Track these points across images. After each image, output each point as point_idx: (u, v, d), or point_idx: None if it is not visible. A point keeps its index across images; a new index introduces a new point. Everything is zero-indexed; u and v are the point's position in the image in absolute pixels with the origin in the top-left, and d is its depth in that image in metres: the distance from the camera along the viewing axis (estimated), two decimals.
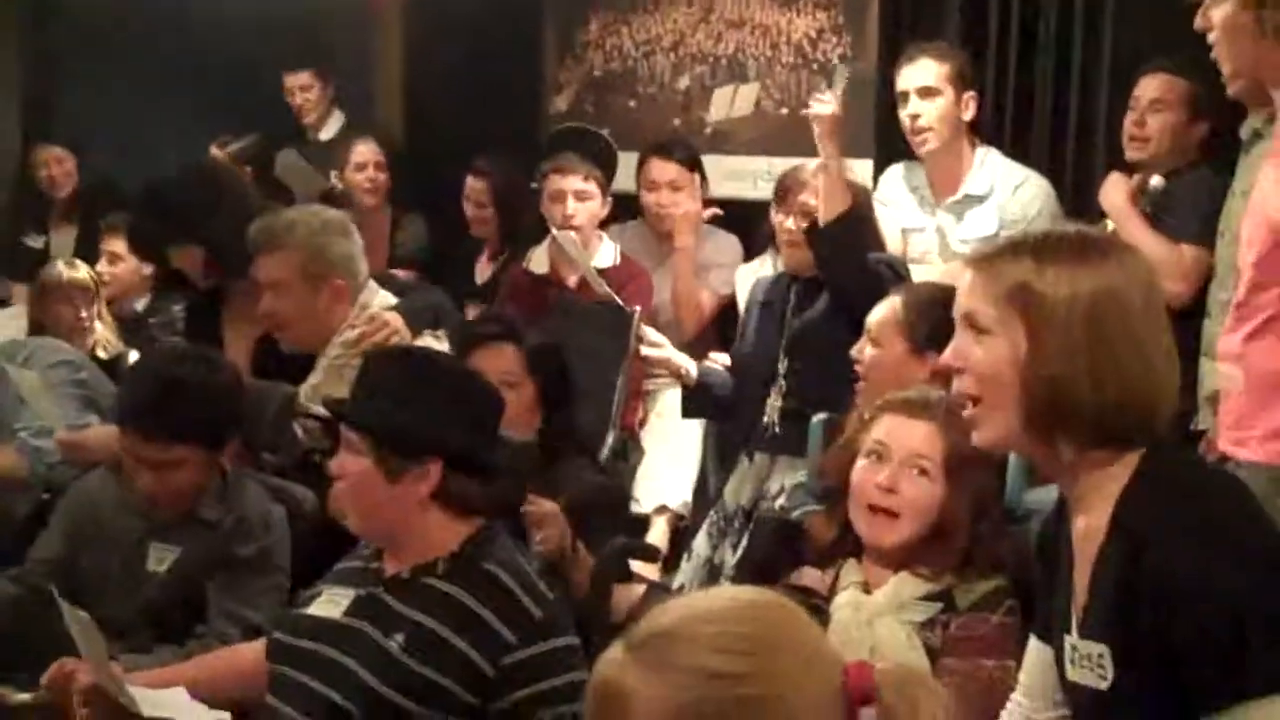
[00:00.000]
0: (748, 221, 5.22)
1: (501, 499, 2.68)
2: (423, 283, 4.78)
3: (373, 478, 2.56)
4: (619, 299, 4.55)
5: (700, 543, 4.09)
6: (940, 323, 2.44)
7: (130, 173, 5.34)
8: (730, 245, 5.29)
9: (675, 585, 3.96)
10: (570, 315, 4.48)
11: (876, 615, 2.62)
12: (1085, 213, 4.19)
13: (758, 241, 5.13)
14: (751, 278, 4.72)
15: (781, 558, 2.86)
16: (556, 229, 4.96)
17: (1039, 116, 4.72)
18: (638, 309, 4.41)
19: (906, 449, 2.67)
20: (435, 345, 3.56)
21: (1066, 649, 2.04)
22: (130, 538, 3.20)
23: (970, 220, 4.48)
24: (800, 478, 3.58)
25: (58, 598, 2.66)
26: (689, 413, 4.44)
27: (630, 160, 5.41)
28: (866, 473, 2.69)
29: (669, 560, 4.42)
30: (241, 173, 5.09)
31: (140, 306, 5.61)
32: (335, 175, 6.01)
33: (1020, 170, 4.51)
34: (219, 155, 6.13)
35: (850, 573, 2.72)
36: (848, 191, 3.98)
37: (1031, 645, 2.22)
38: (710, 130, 5.85)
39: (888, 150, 4.88)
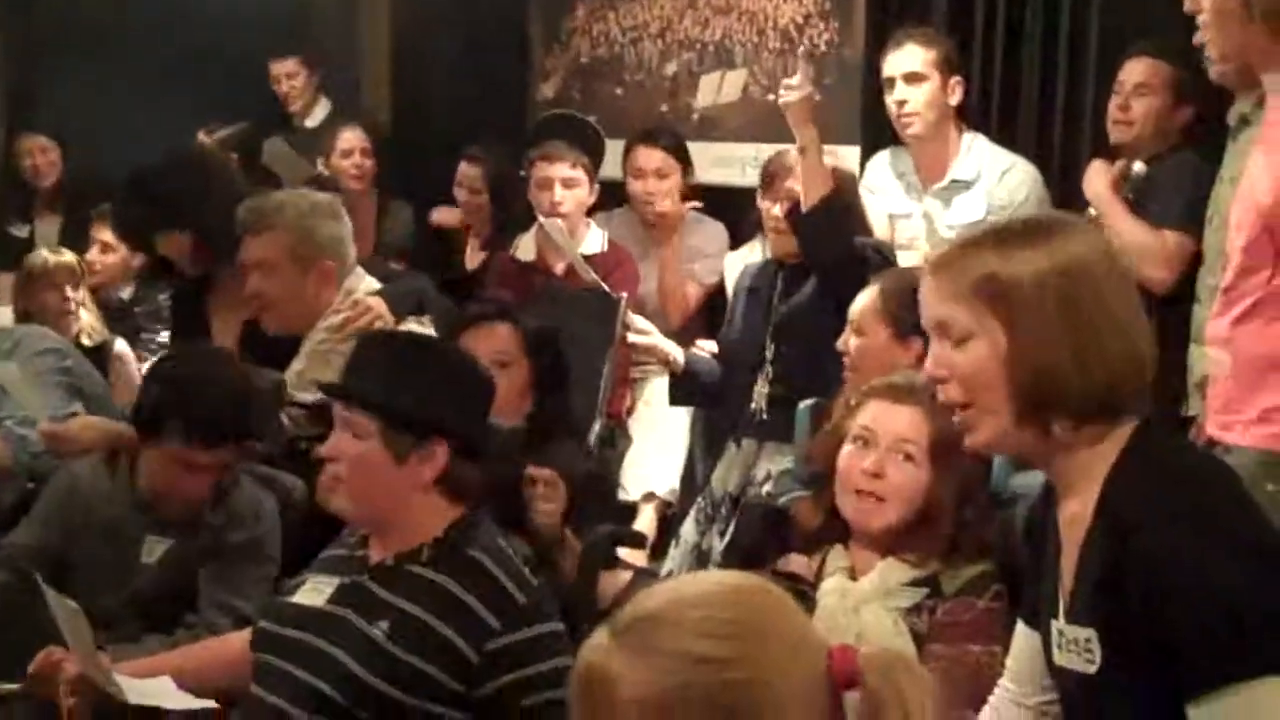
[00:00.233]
0: (735, 208, 5.21)
1: (492, 484, 2.68)
2: (408, 269, 4.77)
3: (379, 459, 2.53)
4: (606, 286, 4.54)
5: (688, 529, 4.08)
6: None
7: (115, 162, 5.32)
8: (717, 234, 5.28)
9: (663, 572, 3.95)
10: (557, 302, 4.47)
11: (863, 601, 2.62)
12: (1072, 197, 4.18)
13: (745, 228, 5.12)
14: (740, 264, 4.72)
15: (768, 544, 2.86)
16: (544, 216, 4.95)
17: (1025, 102, 4.70)
18: (624, 295, 4.40)
19: (892, 434, 2.67)
20: (420, 331, 3.55)
21: (1053, 634, 2.04)
22: (125, 530, 3.18)
23: (958, 206, 4.47)
24: (787, 464, 3.58)
25: (43, 586, 2.65)
26: (676, 400, 4.43)
27: (617, 148, 5.40)
28: (852, 458, 2.70)
29: (656, 547, 4.42)
30: (229, 160, 5.06)
31: (126, 295, 5.60)
32: (321, 162, 5.99)
33: (1007, 156, 4.50)
34: (206, 142, 6.11)
35: (837, 559, 2.73)
36: (828, 175, 3.96)
37: (1018, 630, 2.22)
38: (697, 117, 5.84)
39: (875, 137, 4.87)
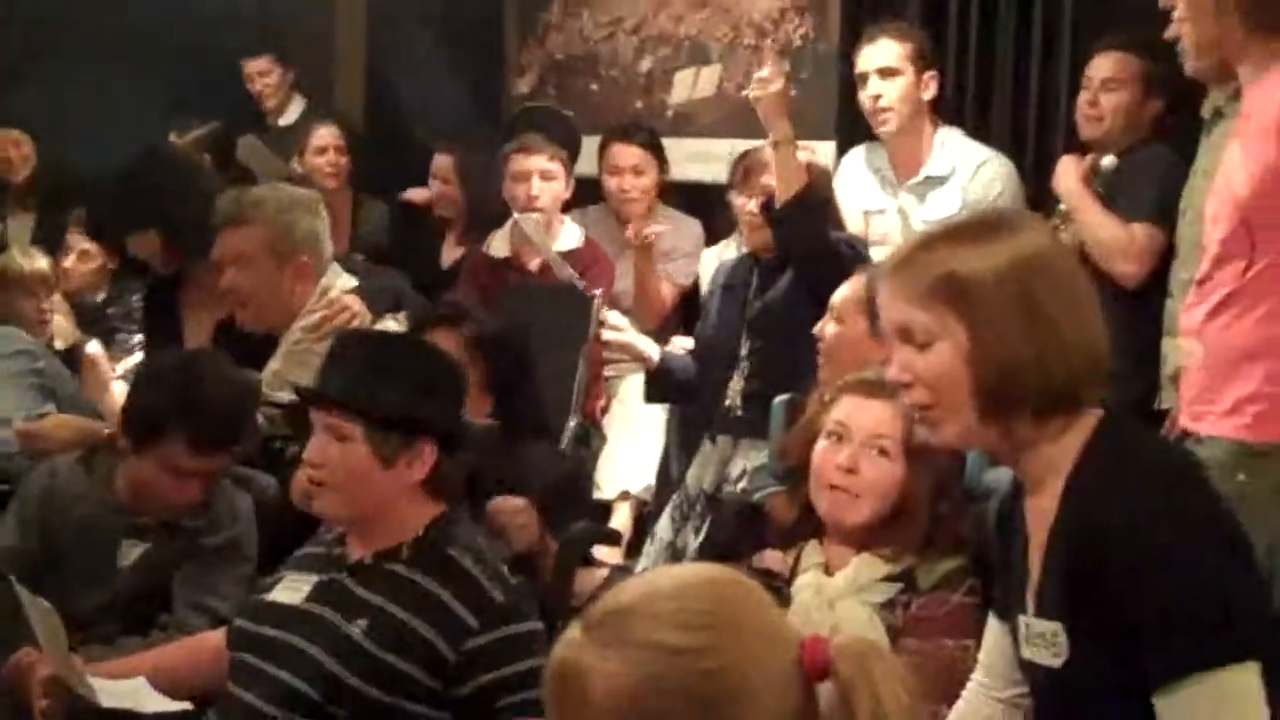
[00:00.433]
0: (710, 204, 5.21)
1: (469, 483, 2.68)
2: (384, 267, 4.75)
3: (366, 463, 2.52)
4: (581, 282, 4.53)
5: (663, 526, 4.07)
6: None
7: (88, 158, 5.30)
8: (692, 232, 5.27)
9: (638, 570, 3.93)
10: (531, 299, 4.47)
11: (838, 597, 2.62)
12: (1046, 192, 4.19)
13: (720, 224, 5.12)
14: (716, 261, 4.71)
15: (743, 540, 2.86)
16: (519, 210, 4.93)
17: (999, 97, 4.71)
18: (599, 292, 4.39)
19: (866, 430, 2.67)
20: (395, 329, 3.54)
21: (1021, 627, 2.05)
22: (102, 532, 3.15)
23: (932, 201, 4.46)
24: (763, 460, 3.58)
25: (17, 586, 2.64)
26: (651, 397, 4.42)
27: (591, 144, 5.39)
28: (827, 454, 2.70)
29: (632, 545, 4.42)
30: (200, 160, 5.04)
31: (100, 298, 5.57)
32: (296, 160, 5.96)
33: (982, 150, 4.50)
34: (178, 143, 6.08)
35: (811, 554, 2.72)
36: (802, 170, 3.96)
37: (990, 624, 2.23)
38: (672, 113, 5.84)
39: (850, 132, 4.87)
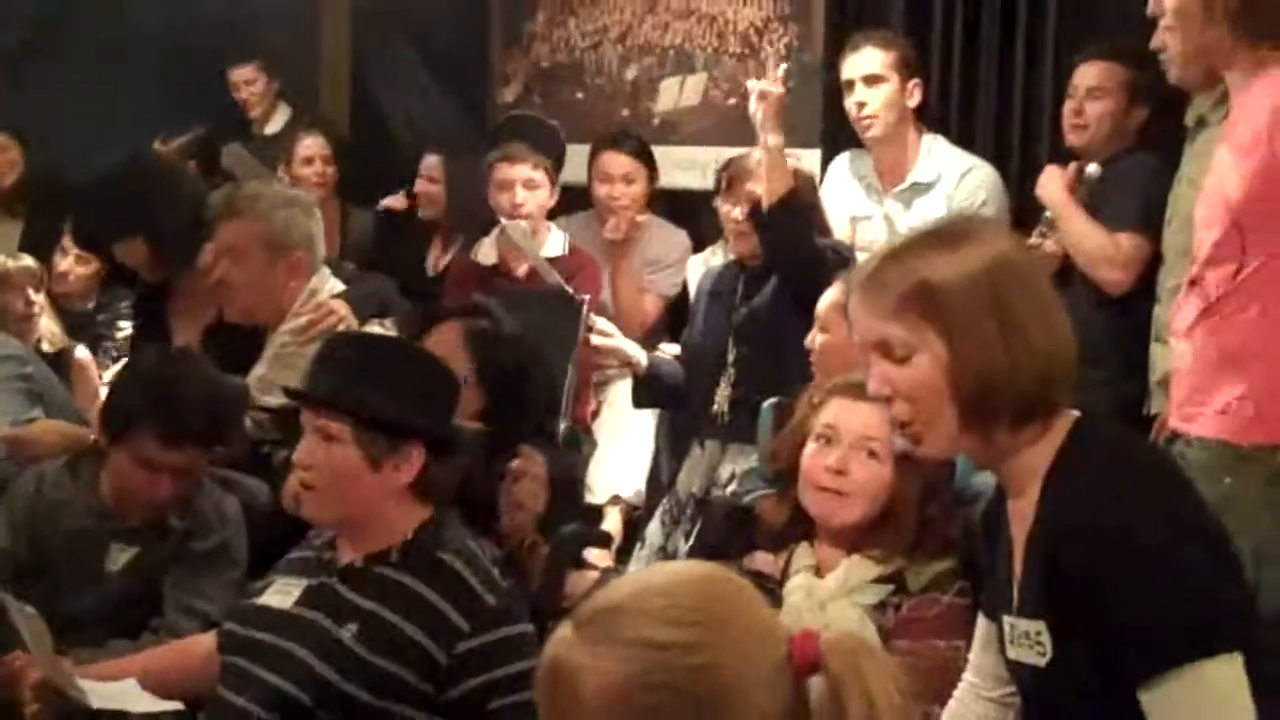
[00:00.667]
0: (697, 212, 5.21)
1: (461, 487, 2.68)
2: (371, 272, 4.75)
3: (354, 465, 2.51)
4: (569, 289, 4.54)
5: (653, 531, 4.08)
6: None
7: (75, 164, 5.30)
8: (678, 242, 5.27)
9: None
10: (519, 305, 4.45)
11: (829, 598, 2.63)
12: (1031, 199, 4.21)
13: (706, 232, 5.13)
14: (702, 268, 4.73)
15: (733, 542, 2.86)
16: (505, 218, 4.94)
17: (983, 105, 4.73)
18: (586, 298, 4.40)
19: (855, 431, 2.68)
20: (383, 334, 3.53)
21: (1006, 628, 2.06)
22: (89, 537, 3.14)
23: (918, 208, 4.48)
24: (752, 463, 3.59)
25: (1, 593, 2.63)
26: (640, 403, 4.42)
27: (579, 152, 5.40)
28: (816, 456, 2.70)
29: (622, 549, 4.42)
30: (185, 167, 5.04)
31: (90, 304, 5.56)
32: (282, 169, 5.95)
33: (967, 157, 4.53)
34: (163, 150, 6.07)
35: (802, 557, 2.73)
36: (790, 174, 3.98)
37: (980, 624, 2.24)
38: (658, 121, 5.85)
39: (835, 140, 4.89)
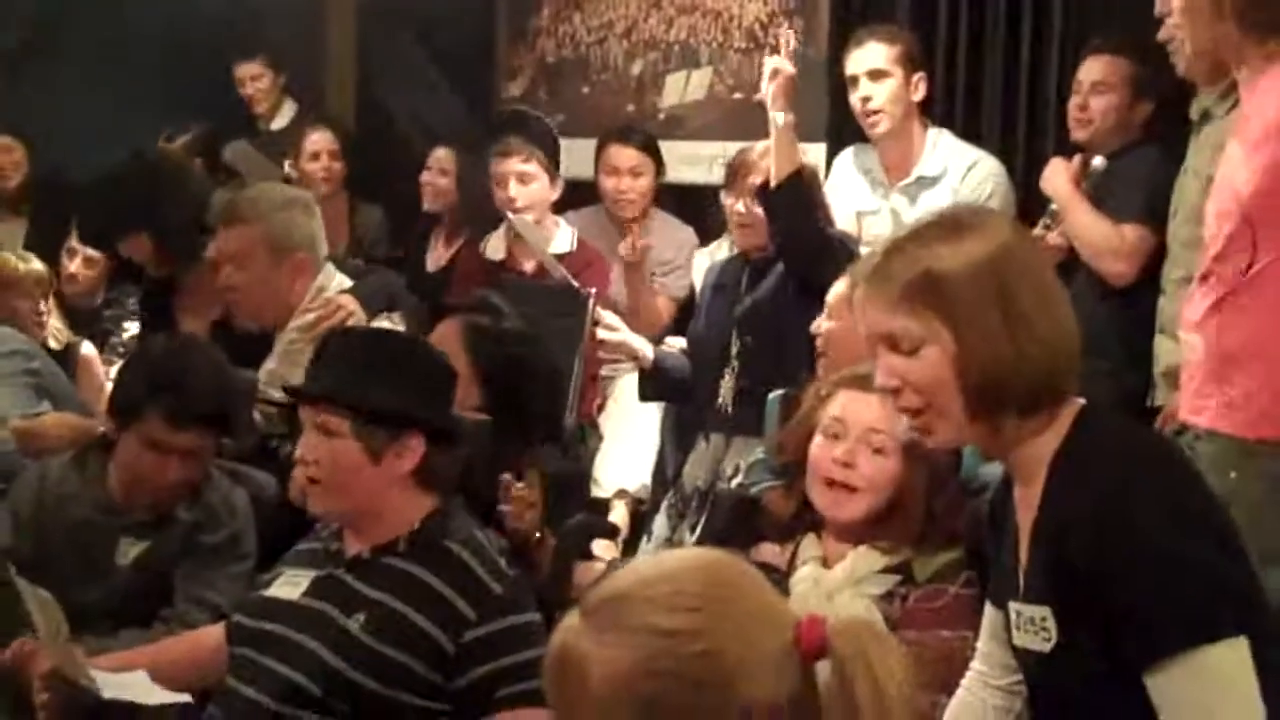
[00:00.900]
0: (702, 207, 5.22)
1: (465, 476, 2.69)
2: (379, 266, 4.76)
3: (355, 458, 2.53)
4: (576, 283, 4.55)
5: (659, 524, 4.09)
6: None
7: (79, 164, 5.31)
8: (685, 241, 5.26)
9: None
10: (526, 299, 4.46)
11: (836, 589, 2.63)
12: (1036, 192, 4.21)
13: (712, 226, 5.14)
14: (708, 260, 4.73)
15: (740, 533, 2.86)
16: (510, 214, 4.95)
17: (989, 99, 4.73)
18: (593, 291, 4.40)
19: (863, 425, 2.68)
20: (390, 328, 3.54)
21: (1012, 614, 2.06)
22: (96, 532, 3.14)
23: (924, 202, 4.46)
24: (758, 455, 3.60)
25: (16, 578, 2.64)
26: (646, 396, 4.43)
27: (585, 146, 5.40)
28: (824, 449, 2.71)
29: (628, 543, 4.42)
30: (190, 163, 5.05)
31: (98, 301, 5.57)
32: (289, 165, 5.97)
33: (972, 151, 4.52)
34: (168, 147, 6.07)
35: (809, 548, 2.73)
36: (797, 153, 3.99)
37: (987, 612, 2.24)
38: (664, 116, 5.85)
39: (840, 135, 4.89)
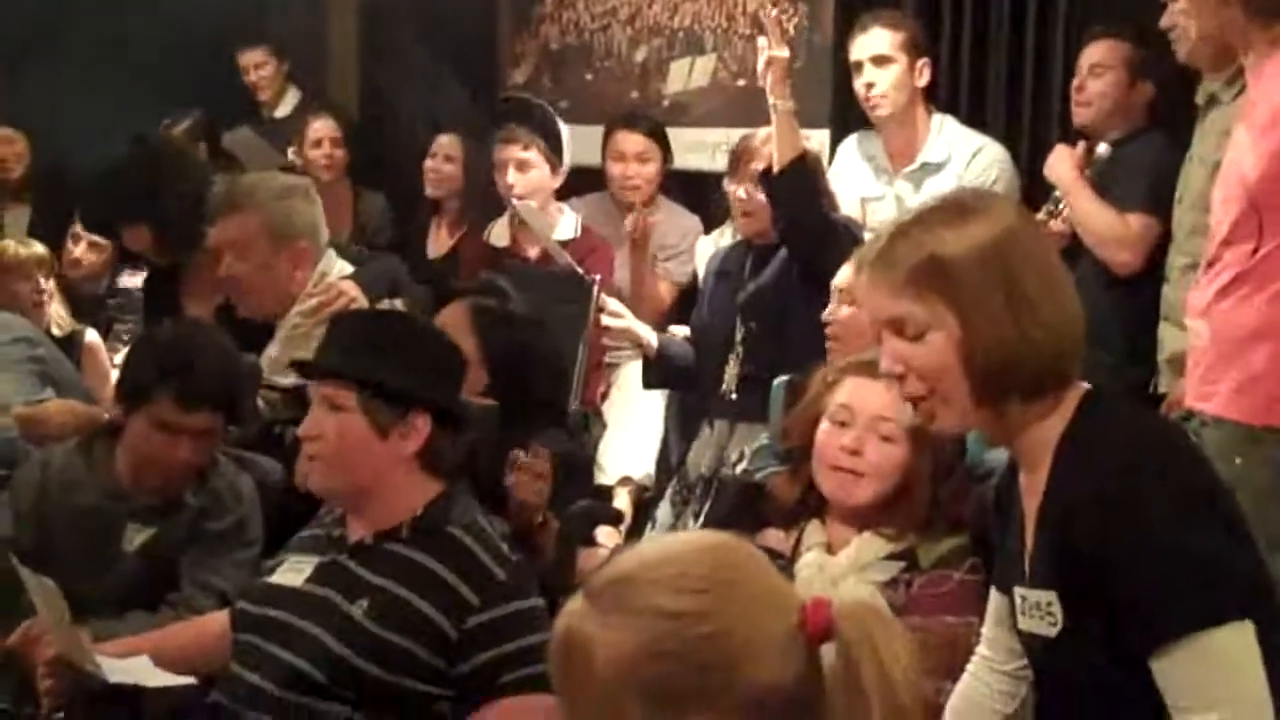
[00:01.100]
0: (706, 193, 5.21)
1: (470, 461, 2.68)
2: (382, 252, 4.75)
3: (361, 433, 2.54)
4: (580, 270, 4.54)
5: (664, 511, 4.09)
6: None
7: (82, 154, 5.30)
8: (689, 228, 5.25)
9: None
10: (530, 286, 4.45)
11: (841, 575, 2.63)
12: (1041, 179, 4.20)
13: (716, 213, 5.13)
14: (712, 247, 4.72)
15: (744, 519, 2.86)
16: (514, 200, 4.95)
17: (993, 85, 4.72)
18: (597, 278, 4.40)
19: (870, 413, 2.68)
20: None
21: (1017, 599, 2.06)
22: (103, 518, 3.13)
23: (929, 188, 4.45)
24: (762, 441, 3.60)
25: (18, 565, 2.64)
26: (650, 384, 4.43)
27: (589, 133, 5.39)
28: (830, 435, 2.70)
29: (632, 530, 4.42)
30: (191, 151, 5.04)
31: (103, 288, 5.57)
32: (293, 152, 5.97)
33: (977, 137, 4.51)
34: (170, 134, 6.06)
35: (813, 534, 2.73)
36: (799, 138, 3.97)
37: (992, 598, 2.24)
38: (668, 102, 5.84)
39: (844, 121, 4.88)
